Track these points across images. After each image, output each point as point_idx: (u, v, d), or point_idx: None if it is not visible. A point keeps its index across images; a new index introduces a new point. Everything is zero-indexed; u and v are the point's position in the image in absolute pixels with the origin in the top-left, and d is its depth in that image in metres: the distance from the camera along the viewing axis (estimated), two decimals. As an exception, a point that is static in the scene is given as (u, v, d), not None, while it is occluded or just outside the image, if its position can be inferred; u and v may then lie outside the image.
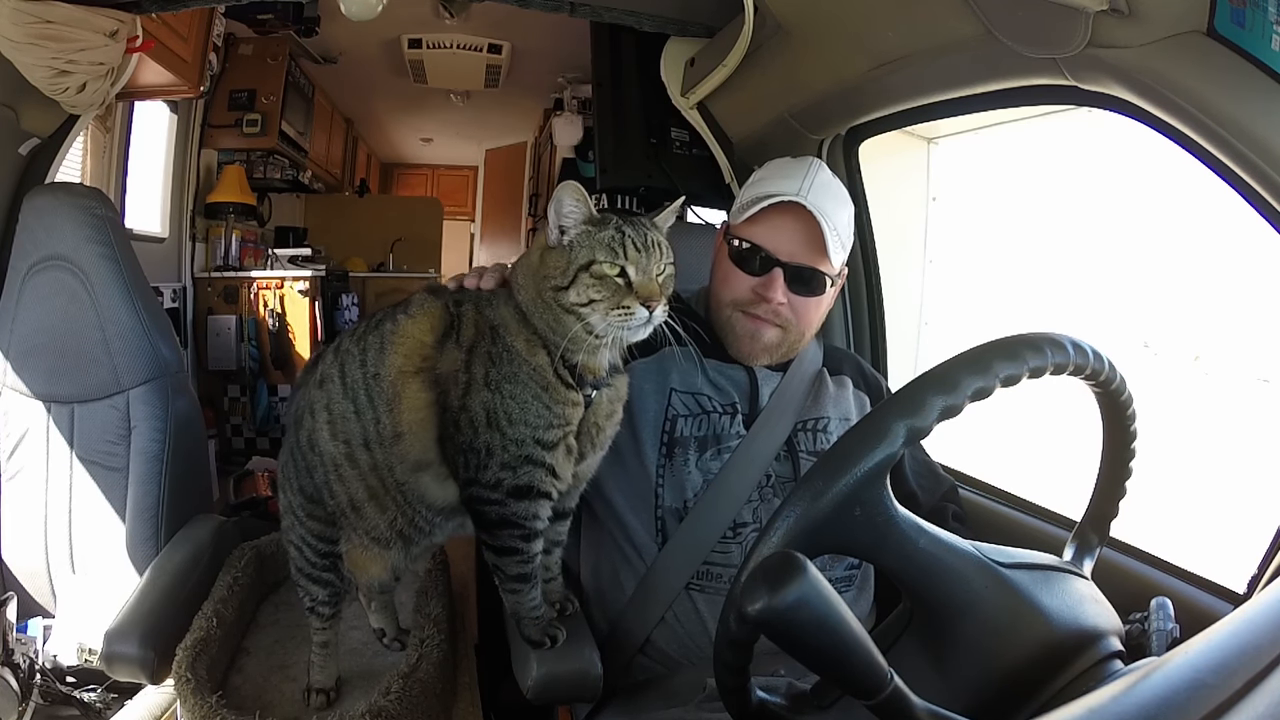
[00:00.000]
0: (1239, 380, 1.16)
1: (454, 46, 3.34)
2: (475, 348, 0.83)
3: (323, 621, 1.00)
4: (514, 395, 0.81)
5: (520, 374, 0.81)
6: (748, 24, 1.31)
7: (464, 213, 6.31)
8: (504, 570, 0.87)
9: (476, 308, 0.85)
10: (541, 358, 0.82)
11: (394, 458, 0.85)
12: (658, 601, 0.98)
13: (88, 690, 1.21)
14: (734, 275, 1.04)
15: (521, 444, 0.81)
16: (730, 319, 1.04)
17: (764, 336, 1.02)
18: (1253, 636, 0.34)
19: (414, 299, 0.88)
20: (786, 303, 1.01)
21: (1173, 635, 0.55)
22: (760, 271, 1.01)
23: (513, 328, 0.83)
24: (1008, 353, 0.55)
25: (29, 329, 1.35)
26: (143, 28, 1.57)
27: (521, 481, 0.83)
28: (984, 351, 0.55)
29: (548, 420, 0.82)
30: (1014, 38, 0.90)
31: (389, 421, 0.84)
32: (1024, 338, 0.56)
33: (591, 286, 0.78)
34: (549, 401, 0.82)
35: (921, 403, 0.52)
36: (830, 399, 1.07)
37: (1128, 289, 1.30)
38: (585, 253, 0.78)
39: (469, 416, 0.82)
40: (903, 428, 0.52)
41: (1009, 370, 0.54)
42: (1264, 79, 0.68)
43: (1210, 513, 1.10)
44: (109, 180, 2.46)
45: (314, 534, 0.93)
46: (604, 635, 1.01)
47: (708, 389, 1.03)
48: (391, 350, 0.85)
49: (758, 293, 1.01)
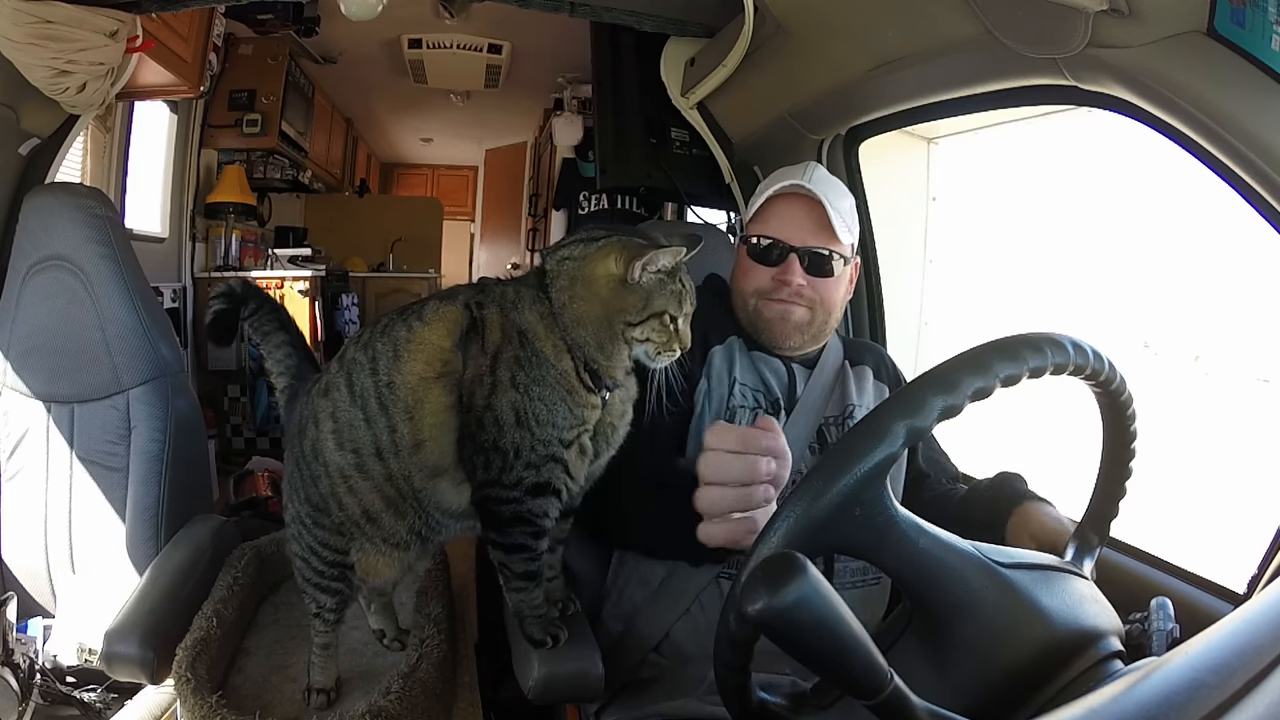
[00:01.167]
0: (1239, 380, 1.16)
1: (454, 46, 3.34)
2: (501, 351, 0.84)
3: (327, 626, 1.00)
4: (542, 397, 0.83)
5: (548, 377, 0.83)
6: (748, 24, 1.31)
7: (464, 213, 6.31)
8: (511, 568, 0.88)
9: (502, 310, 0.85)
10: (567, 362, 0.84)
11: (412, 466, 0.85)
12: (683, 596, 0.99)
13: (88, 690, 1.21)
14: (754, 269, 1.08)
15: (548, 444, 0.83)
16: (757, 307, 1.08)
17: (793, 315, 1.06)
18: (1253, 636, 0.34)
19: (428, 305, 0.88)
20: (807, 284, 1.05)
21: (1173, 635, 0.55)
22: (777, 261, 1.06)
23: (540, 333, 0.84)
24: (1008, 352, 0.55)
25: (29, 329, 1.35)
26: (143, 28, 1.57)
27: (542, 479, 0.84)
28: (984, 351, 0.55)
29: (570, 421, 0.84)
30: (1014, 38, 0.90)
31: (407, 430, 0.84)
32: (1024, 338, 0.56)
33: (656, 330, 0.84)
34: (572, 404, 0.84)
35: (922, 403, 0.52)
36: (854, 390, 1.10)
37: (1128, 289, 1.31)
38: (660, 302, 0.83)
39: (494, 416, 0.82)
40: (903, 428, 0.52)
41: (1009, 370, 0.54)
42: (1264, 79, 0.68)
43: (1210, 513, 1.10)
44: (109, 180, 2.46)
45: (322, 543, 0.93)
46: (617, 634, 1.02)
47: (761, 382, 1.06)
48: (409, 358, 0.84)
49: (778, 279, 1.06)
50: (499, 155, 5.45)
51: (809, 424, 1.04)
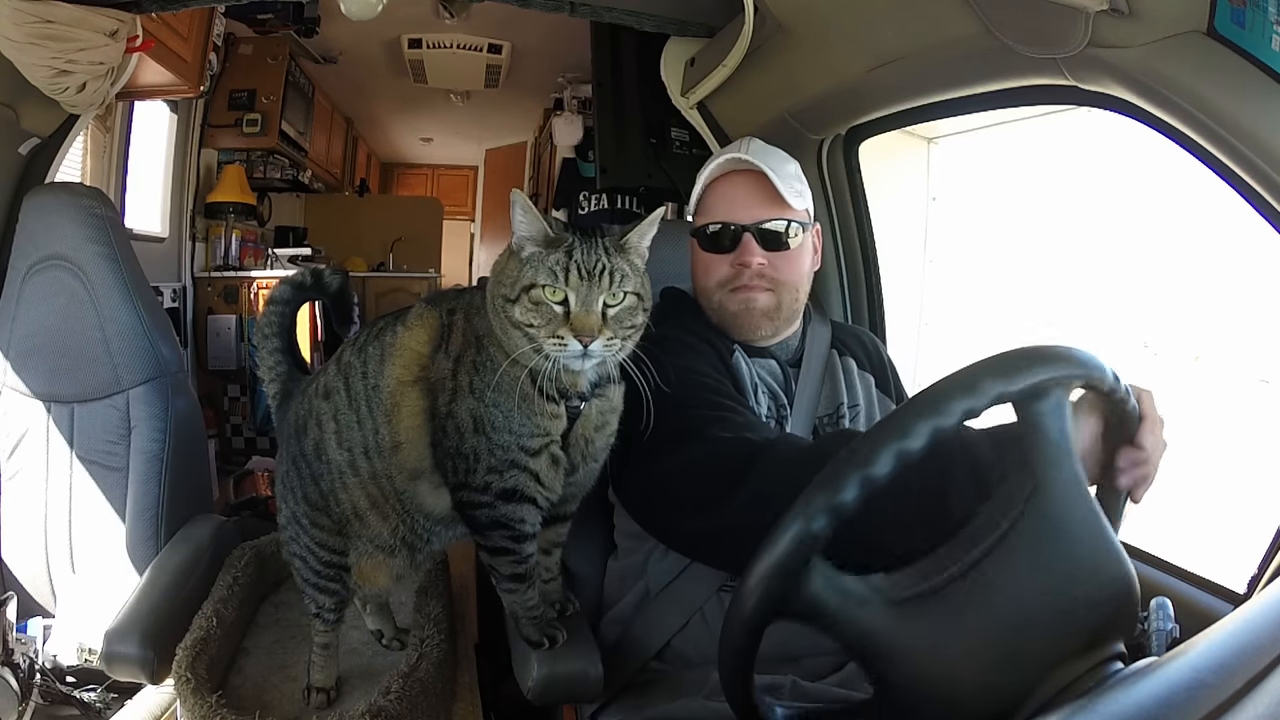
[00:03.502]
0: (1239, 380, 1.16)
1: (454, 46, 3.34)
2: (462, 356, 0.83)
3: (327, 626, 1.00)
4: (497, 403, 0.81)
5: (503, 383, 0.80)
6: (748, 24, 1.31)
7: (464, 213, 6.30)
8: (499, 570, 0.88)
9: (466, 317, 0.85)
10: (520, 367, 0.80)
11: (393, 467, 0.87)
12: (686, 606, 0.97)
13: (88, 690, 1.21)
14: (710, 261, 1.04)
15: (507, 449, 0.82)
16: (721, 302, 1.03)
17: (757, 303, 1.01)
18: (1253, 636, 0.34)
19: (412, 310, 0.88)
20: (766, 262, 1.01)
21: (1173, 635, 0.55)
22: (731, 245, 1.02)
23: (495, 337, 0.82)
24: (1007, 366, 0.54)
25: (29, 329, 1.35)
26: (143, 27, 1.57)
27: (509, 485, 0.83)
28: (976, 369, 0.54)
29: (529, 429, 0.81)
30: (1014, 38, 0.90)
31: (388, 432, 0.86)
32: (1020, 352, 0.55)
33: (530, 310, 0.75)
34: (529, 412, 0.81)
35: (912, 430, 0.52)
36: (843, 386, 1.07)
37: (1128, 289, 1.30)
38: (530, 272, 0.75)
39: (455, 423, 0.83)
40: (893, 452, 0.51)
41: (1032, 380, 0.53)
42: (1264, 79, 0.68)
43: (1210, 513, 1.10)
44: (109, 180, 2.46)
45: (319, 543, 0.93)
46: (615, 640, 1.01)
47: (767, 386, 1.03)
48: (390, 362, 0.86)
49: (737, 264, 1.01)
50: (499, 155, 5.45)
51: (805, 425, 1.03)
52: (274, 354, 1.05)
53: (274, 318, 1.04)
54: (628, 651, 1.00)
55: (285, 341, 1.05)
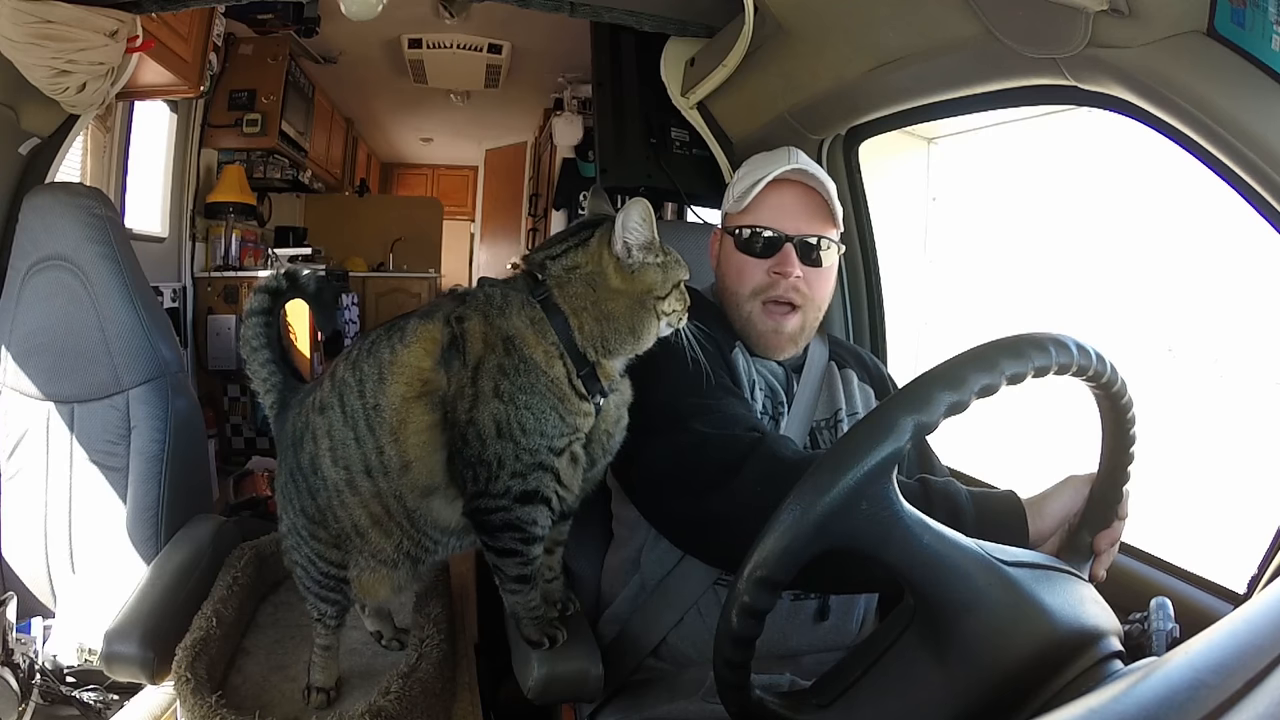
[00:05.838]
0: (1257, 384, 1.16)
1: (454, 46, 3.34)
2: (484, 361, 0.82)
3: (328, 630, 1.00)
4: (530, 406, 0.81)
5: (538, 385, 0.81)
6: (748, 24, 1.31)
7: (464, 213, 6.31)
8: (504, 571, 0.88)
9: (485, 318, 0.84)
10: (559, 369, 0.82)
11: (404, 487, 0.85)
12: (681, 601, 0.98)
13: (88, 690, 1.21)
14: (747, 264, 1.05)
15: (535, 452, 0.82)
16: (750, 316, 1.05)
17: (786, 327, 1.04)
18: (1253, 636, 0.34)
19: (408, 326, 0.86)
20: (803, 276, 1.03)
21: (1173, 635, 0.55)
22: (771, 252, 1.03)
23: (530, 339, 0.82)
24: (1014, 351, 0.55)
25: (29, 329, 1.35)
26: (143, 28, 1.57)
27: (530, 487, 0.83)
28: (990, 349, 0.55)
29: (561, 430, 0.83)
30: (1014, 38, 0.90)
31: (394, 452, 0.83)
32: (1030, 337, 0.56)
33: (678, 299, 0.87)
34: (564, 412, 0.82)
35: (929, 398, 0.52)
36: (841, 394, 1.08)
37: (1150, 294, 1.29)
38: (677, 272, 0.86)
39: (477, 430, 0.81)
40: (910, 423, 0.52)
41: (1015, 368, 0.54)
42: (1264, 79, 0.68)
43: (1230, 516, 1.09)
44: (109, 180, 2.46)
45: (319, 555, 0.93)
46: (612, 637, 1.01)
47: (767, 386, 1.04)
48: (391, 380, 0.83)
49: (774, 272, 1.03)
50: (499, 155, 5.45)
51: (802, 428, 1.03)
52: (265, 365, 1.01)
53: (257, 329, 1.01)
54: (625, 649, 1.00)
55: (275, 351, 1.01)
